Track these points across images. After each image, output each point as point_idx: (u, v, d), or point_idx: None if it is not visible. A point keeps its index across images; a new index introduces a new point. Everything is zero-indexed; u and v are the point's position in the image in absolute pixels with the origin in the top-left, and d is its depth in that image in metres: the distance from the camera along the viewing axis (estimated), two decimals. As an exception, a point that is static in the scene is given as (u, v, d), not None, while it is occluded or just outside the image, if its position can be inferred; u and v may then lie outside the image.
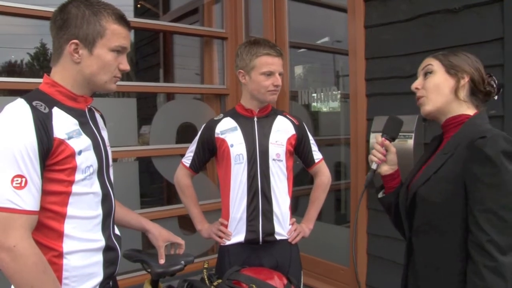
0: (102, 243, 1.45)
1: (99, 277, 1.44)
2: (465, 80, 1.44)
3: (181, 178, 2.27)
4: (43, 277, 1.25)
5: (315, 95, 3.34)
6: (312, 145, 2.24)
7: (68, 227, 1.36)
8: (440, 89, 1.45)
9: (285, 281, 1.85)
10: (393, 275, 1.73)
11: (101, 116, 1.65)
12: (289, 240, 2.15)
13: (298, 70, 3.91)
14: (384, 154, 1.62)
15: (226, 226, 2.15)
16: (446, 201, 1.35)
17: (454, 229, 1.34)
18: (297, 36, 3.57)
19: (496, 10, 2.03)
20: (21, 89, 2.73)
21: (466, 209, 1.31)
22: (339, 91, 3.22)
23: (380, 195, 1.71)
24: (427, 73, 1.50)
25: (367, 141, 2.58)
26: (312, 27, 3.93)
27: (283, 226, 2.14)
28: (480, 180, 1.27)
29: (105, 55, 1.41)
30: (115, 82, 1.49)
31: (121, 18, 1.44)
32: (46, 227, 1.33)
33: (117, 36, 1.42)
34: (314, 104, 3.37)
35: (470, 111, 1.45)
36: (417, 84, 1.52)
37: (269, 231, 2.11)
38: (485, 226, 1.25)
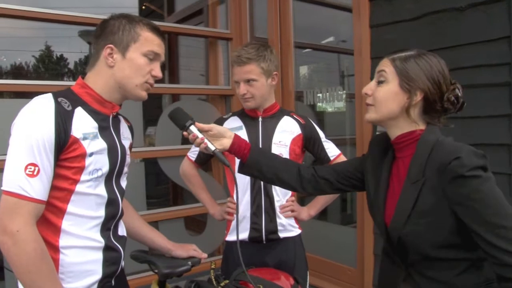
0: (100, 242, 1.47)
1: (97, 275, 1.45)
2: (417, 98, 1.30)
3: (186, 168, 2.30)
4: (40, 264, 1.28)
5: (320, 95, 3.33)
6: (324, 143, 2.19)
7: (66, 223, 1.39)
8: (388, 103, 1.33)
9: (292, 281, 1.84)
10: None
11: (130, 127, 1.72)
12: (280, 212, 2.13)
13: (303, 70, 3.91)
14: (203, 140, 1.54)
15: (234, 203, 2.16)
16: (438, 233, 1.25)
17: (455, 254, 1.26)
18: (302, 36, 3.56)
19: (502, 8, 2.02)
20: (27, 91, 2.75)
21: (463, 233, 1.22)
22: (345, 91, 3.22)
23: (239, 169, 1.63)
24: (380, 80, 1.36)
25: (373, 141, 2.57)
26: (317, 27, 3.92)
27: (287, 222, 2.15)
28: (469, 199, 1.18)
29: (137, 59, 1.47)
30: (147, 89, 1.53)
31: (155, 28, 1.51)
32: (46, 220, 1.35)
33: (150, 42, 1.48)
34: (320, 104, 3.37)
35: (422, 125, 1.34)
36: (367, 89, 1.39)
37: (272, 229, 2.11)
38: (499, 243, 1.14)
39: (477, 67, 2.08)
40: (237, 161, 1.76)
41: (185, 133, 1.57)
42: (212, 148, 1.55)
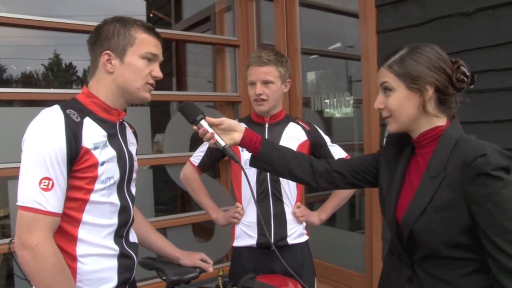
0: (115, 250, 1.48)
1: (113, 283, 1.47)
2: (429, 93, 1.28)
3: (188, 173, 2.29)
4: (60, 277, 1.30)
5: (327, 101, 3.33)
6: (330, 147, 2.20)
7: (82, 232, 1.40)
8: (404, 108, 1.31)
9: (300, 288, 1.84)
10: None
11: (134, 132, 1.72)
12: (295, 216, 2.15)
13: (311, 76, 3.92)
14: (213, 135, 1.51)
15: (241, 209, 2.18)
16: (450, 231, 1.22)
17: (464, 254, 1.24)
18: (309, 42, 3.57)
19: (510, 12, 2.01)
20: (37, 100, 2.77)
21: (475, 233, 1.20)
22: (352, 97, 3.21)
23: (251, 162, 1.61)
24: (386, 90, 1.34)
25: (381, 146, 2.56)
26: (324, 33, 3.93)
27: (295, 228, 2.14)
28: (488, 200, 1.16)
29: (136, 62, 1.47)
30: (149, 90, 1.53)
31: (149, 28, 1.51)
32: (62, 230, 1.37)
33: (146, 44, 1.48)
34: (327, 110, 3.37)
35: (442, 121, 1.32)
36: (378, 104, 1.37)
37: (282, 235, 2.10)
38: (506, 248, 1.14)
39: (486, 72, 2.07)
40: (245, 168, 1.76)
41: (195, 127, 1.55)
42: (222, 143, 1.52)
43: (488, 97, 2.07)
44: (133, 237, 1.61)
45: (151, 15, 6.04)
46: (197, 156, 2.27)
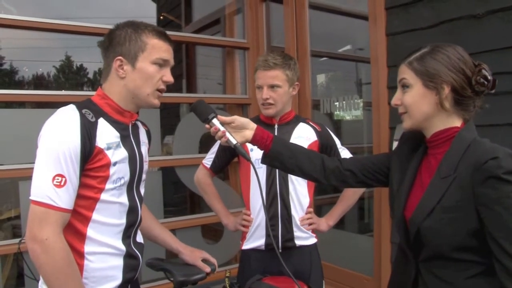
0: (122, 249, 1.51)
1: (118, 281, 1.50)
2: (445, 92, 1.28)
3: (202, 177, 2.31)
4: (68, 271, 1.34)
5: (337, 103, 3.32)
6: (340, 149, 2.20)
7: (91, 230, 1.43)
8: (420, 106, 1.31)
9: (308, 291, 1.84)
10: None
11: (148, 132, 1.75)
12: (300, 224, 2.14)
13: (320, 78, 3.91)
14: (224, 133, 1.52)
15: (249, 215, 2.18)
16: (457, 232, 1.21)
17: (470, 257, 1.22)
18: (318, 45, 3.56)
19: (521, 15, 1.99)
20: (48, 101, 2.80)
21: (482, 236, 1.18)
22: (361, 100, 3.20)
23: (262, 159, 1.61)
24: (404, 86, 1.35)
25: (390, 149, 2.55)
26: (334, 35, 3.92)
27: (303, 230, 2.14)
28: (498, 203, 1.14)
29: (147, 68, 1.49)
30: (158, 97, 1.55)
31: (161, 33, 1.52)
32: (72, 227, 1.40)
33: (157, 49, 1.50)
34: (337, 112, 3.36)
35: (457, 122, 1.32)
36: (396, 100, 1.38)
37: (289, 236, 2.10)
38: None
39: (496, 75, 2.04)
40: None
41: (207, 125, 1.56)
42: (234, 142, 1.53)
43: (499, 100, 2.04)
44: (139, 237, 1.64)
45: (161, 17, 6.08)
46: (209, 159, 2.28)
